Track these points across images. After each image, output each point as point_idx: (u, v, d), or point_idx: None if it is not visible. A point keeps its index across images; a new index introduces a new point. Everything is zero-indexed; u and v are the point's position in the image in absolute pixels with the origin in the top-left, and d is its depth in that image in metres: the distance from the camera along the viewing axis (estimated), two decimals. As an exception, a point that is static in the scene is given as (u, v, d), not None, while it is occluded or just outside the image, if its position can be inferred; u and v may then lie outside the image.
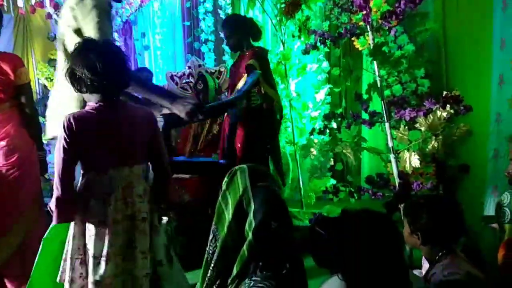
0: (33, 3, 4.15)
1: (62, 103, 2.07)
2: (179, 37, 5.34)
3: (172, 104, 2.11)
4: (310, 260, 1.70)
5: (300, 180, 3.79)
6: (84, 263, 1.75)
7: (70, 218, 1.76)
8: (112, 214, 1.72)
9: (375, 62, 2.41)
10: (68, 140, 1.68)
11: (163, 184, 1.93)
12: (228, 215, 1.75)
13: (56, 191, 1.71)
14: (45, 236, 1.92)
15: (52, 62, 5.42)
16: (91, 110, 1.75)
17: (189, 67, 4.04)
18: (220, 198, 1.83)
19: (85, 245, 1.74)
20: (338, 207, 3.05)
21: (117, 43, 5.22)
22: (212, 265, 1.74)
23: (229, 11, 4.73)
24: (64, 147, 1.69)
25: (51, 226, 1.90)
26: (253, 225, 1.69)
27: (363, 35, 2.42)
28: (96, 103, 1.75)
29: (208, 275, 1.74)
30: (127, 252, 1.76)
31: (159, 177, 1.91)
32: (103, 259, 1.71)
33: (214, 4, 5.02)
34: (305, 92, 4.11)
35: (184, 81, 3.99)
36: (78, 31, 2.02)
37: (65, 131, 1.69)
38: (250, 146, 2.90)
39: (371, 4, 2.31)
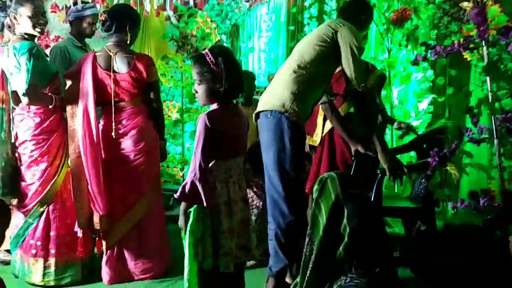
0: (155, 8, 4.57)
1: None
2: (283, 41, 5.54)
3: (380, 153, 2.52)
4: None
5: (395, 189, 3.77)
6: (214, 240, 1.99)
7: (212, 200, 1.98)
8: (232, 195, 2.02)
9: (487, 77, 2.37)
10: (207, 134, 1.95)
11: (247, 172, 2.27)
12: (323, 220, 1.92)
13: (201, 178, 1.95)
14: (190, 223, 2.02)
15: (165, 59, 5.92)
16: (220, 109, 2.03)
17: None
18: (313, 205, 2.01)
19: (214, 223, 1.99)
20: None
21: (226, 44, 5.56)
22: (311, 265, 1.93)
23: (335, 17, 4.81)
24: (205, 140, 1.95)
25: (191, 212, 2.03)
26: (348, 229, 1.82)
27: (476, 49, 2.39)
28: (222, 103, 2.03)
29: (308, 274, 1.93)
30: (244, 228, 2.05)
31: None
32: (230, 234, 1.99)
33: (319, 10, 5.14)
34: (406, 100, 4.08)
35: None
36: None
37: (206, 126, 1.96)
38: None
39: (488, 15, 2.28)
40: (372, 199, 2.71)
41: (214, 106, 2.05)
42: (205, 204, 1.96)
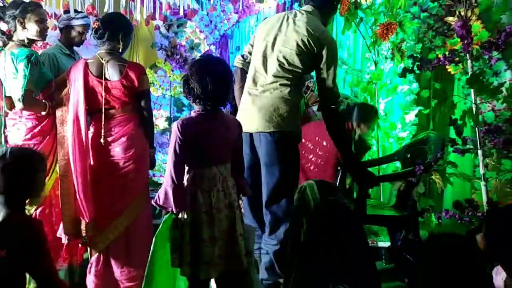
0: (145, 17, 4.58)
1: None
2: (271, 52, 5.58)
3: (353, 172, 2.66)
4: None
5: (381, 199, 3.83)
6: (193, 248, 2.01)
7: (184, 207, 2.02)
8: (216, 204, 2.02)
9: (472, 90, 2.45)
10: (179, 142, 1.98)
11: (242, 178, 2.24)
12: (304, 228, 1.94)
13: (172, 184, 1.99)
14: (158, 230, 2.16)
15: (154, 68, 5.93)
16: (196, 117, 2.06)
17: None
18: (294, 212, 2.04)
19: (194, 232, 2.01)
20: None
21: (215, 55, 5.60)
22: (294, 273, 1.95)
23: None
24: (176, 148, 1.99)
25: (163, 219, 2.15)
26: (327, 236, 1.86)
27: (461, 62, 2.47)
28: (201, 111, 2.06)
29: (291, 281, 1.95)
30: (230, 236, 2.05)
31: (238, 173, 2.21)
32: (212, 242, 1.99)
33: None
34: (391, 112, 4.15)
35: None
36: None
37: (176, 134, 1.99)
38: None
39: (471, 31, 2.36)
40: (355, 207, 2.75)
41: (192, 114, 2.09)
42: (174, 210, 1.98)
